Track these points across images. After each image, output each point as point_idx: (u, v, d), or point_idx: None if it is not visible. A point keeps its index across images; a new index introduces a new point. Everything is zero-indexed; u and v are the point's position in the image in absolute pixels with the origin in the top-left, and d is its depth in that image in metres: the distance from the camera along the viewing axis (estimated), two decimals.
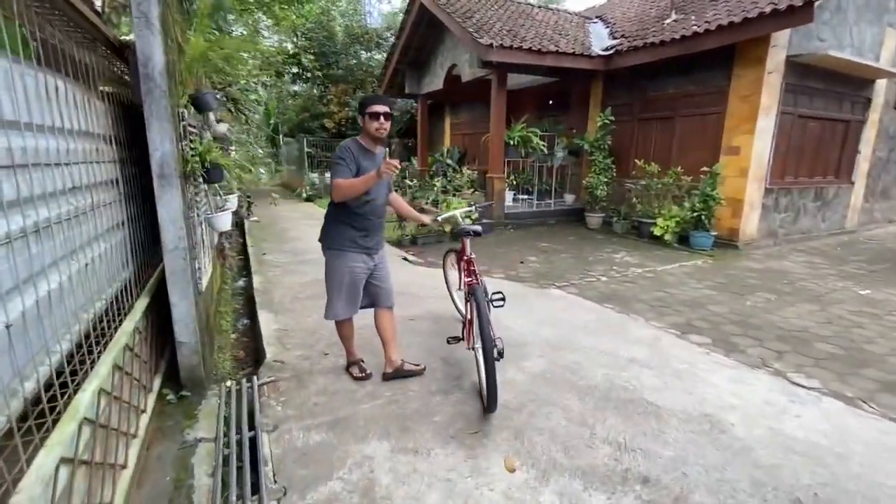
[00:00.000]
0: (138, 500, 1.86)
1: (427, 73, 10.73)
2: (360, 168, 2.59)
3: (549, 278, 5.57)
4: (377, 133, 2.62)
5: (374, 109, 2.59)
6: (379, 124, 2.61)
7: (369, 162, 2.66)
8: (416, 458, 2.17)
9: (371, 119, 2.59)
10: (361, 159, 2.61)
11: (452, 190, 8.99)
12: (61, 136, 1.58)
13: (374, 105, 2.61)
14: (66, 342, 1.44)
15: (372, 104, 2.61)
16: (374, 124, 2.59)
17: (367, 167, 2.62)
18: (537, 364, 3.14)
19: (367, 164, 2.64)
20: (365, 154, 2.65)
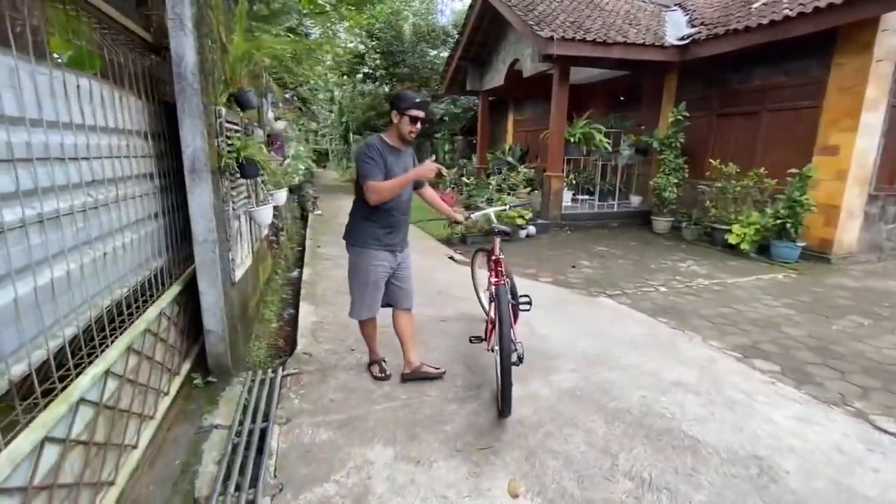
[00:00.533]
0: (148, 480, 1.95)
1: (489, 69, 10.55)
2: (386, 168, 2.53)
3: (601, 285, 5.22)
4: (409, 136, 2.57)
5: (415, 113, 2.52)
6: (415, 128, 2.57)
7: (395, 159, 2.60)
8: (417, 468, 2.08)
9: (410, 121, 2.53)
10: (388, 157, 2.56)
11: (507, 188, 8.78)
12: (80, 132, 1.67)
13: (417, 109, 2.52)
14: (71, 327, 1.51)
15: (415, 107, 2.52)
16: (410, 127, 2.54)
17: (392, 165, 2.57)
18: (567, 379, 2.92)
19: (393, 162, 2.58)
20: (391, 152, 2.59)
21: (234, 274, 2.87)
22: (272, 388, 2.73)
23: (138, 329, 1.96)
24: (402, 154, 2.68)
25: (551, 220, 8.42)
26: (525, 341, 3.45)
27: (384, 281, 2.75)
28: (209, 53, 2.58)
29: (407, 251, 2.85)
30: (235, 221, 2.97)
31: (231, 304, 2.83)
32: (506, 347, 2.26)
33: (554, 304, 4.42)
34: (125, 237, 1.98)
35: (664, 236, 8.08)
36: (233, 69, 3.00)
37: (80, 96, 1.69)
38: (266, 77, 5.25)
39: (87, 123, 1.71)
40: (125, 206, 1.99)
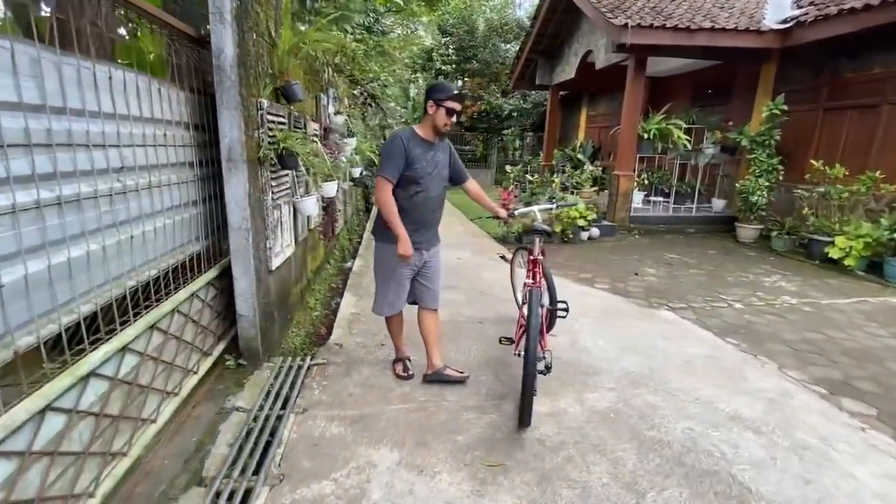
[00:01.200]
0: (165, 453, 2.05)
1: (560, 61, 10.07)
2: (410, 161, 2.45)
3: (665, 297, 4.74)
4: (444, 128, 2.49)
5: (452, 105, 2.43)
6: (450, 121, 2.48)
7: (423, 152, 2.50)
8: (419, 478, 1.98)
9: (447, 113, 2.44)
10: (415, 149, 2.47)
11: (571, 187, 8.34)
12: (110, 121, 1.76)
13: (454, 101, 2.44)
14: (89, 305, 1.60)
15: (453, 99, 2.44)
16: (446, 119, 2.45)
17: (418, 159, 2.47)
18: (603, 398, 2.65)
19: (420, 156, 2.48)
20: (420, 144, 2.50)
21: (271, 262, 2.95)
22: (297, 376, 2.78)
23: (164, 310, 2.05)
24: (435, 147, 2.57)
25: (618, 222, 7.86)
26: (563, 352, 3.23)
27: (408, 279, 2.67)
28: (253, 47, 2.65)
29: (435, 250, 2.75)
30: (276, 211, 3.05)
31: (266, 291, 2.92)
32: (531, 352, 2.09)
33: (604, 314, 4.08)
34: (157, 222, 2.08)
35: (749, 246, 7.19)
36: (280, 62, 3.08)
37: (126, 89, 1.80)
38: (329, 73, 5.41)
39: (118, 112, 1.81)
40: (158, 192, 2.09)
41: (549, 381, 2.81)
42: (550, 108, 11.05)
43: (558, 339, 3.46)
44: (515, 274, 3.90)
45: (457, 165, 2.79)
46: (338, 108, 5.54)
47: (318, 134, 4.48)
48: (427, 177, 2.53)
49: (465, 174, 2.86)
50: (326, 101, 5.16)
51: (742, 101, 8.04)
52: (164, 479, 1.90)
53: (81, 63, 1.58)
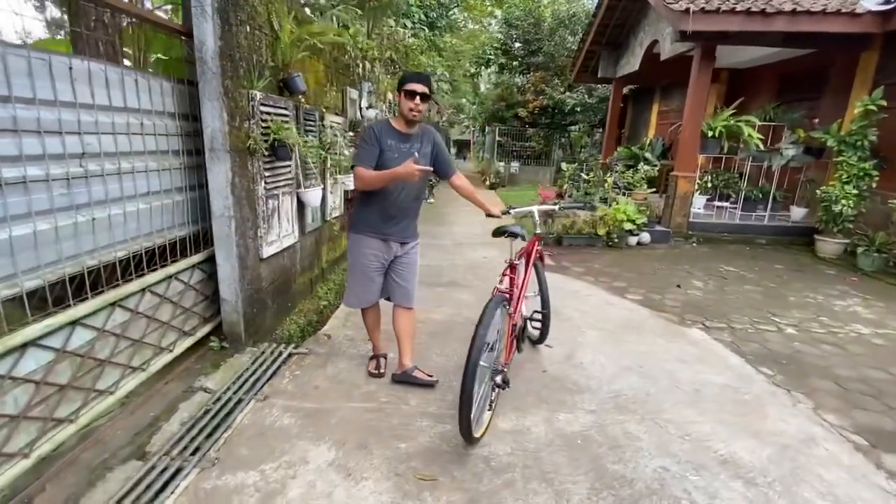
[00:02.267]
0: (122, 425, 2.17)
1: (625, 52, 9.38)
2: (383, 151, 2.38)
3: (703, 314, 4.24)
4: (410, 114, 2.38)
5: (410, 87, 2.34)
6: (414, 104, 2.36)
7: (397, 143, 2.42)
8: (344, 482, 1.91)
9: (406, 97, 2.35)
10: (387, 140, 2.40)
11: (623, 188, 7.76)
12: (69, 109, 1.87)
13: (411, 82, 2.36)
14: (36, 280, 1.72)
15: (408, 81, 2.37)
16: (408, 104, 2.35)
17: (391, 150, 2.40)
18: (577, 421, 2.40)
19: (394, 147, 2.41)
20: (394, 135, 2.43)
21: (262, 250, 3.03)
22: (275, 363, 2.83)
23: (129, 289, 2.17)
24: (412, 139, 2.48)
25: (674, 228, 7.19)
26: (554, 365, 2.99)
27: (378, 273, 2.61)
28: (245, 39, 2.72)
29: (411, 245, 2.65)
30: (271, 201, 3.13)
31: (255, 278, 3.00)
32: (472, 360, 1.92)
33: (621, 327, 3.72)
34: (130, 206, 2.20)
35: (829, 262, 6.22)
36: (284, 55, 3.14)
37: (92, 80, 1.92)
38: (363, 67, 5.47)
39: (79, 101, 1.92)
40: (132, 178, 2.21)
41: (526, 396, 2.62)
42: (612, 103, 10.36)
43: (553, 350, 3.21)
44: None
45: (443, 158, 2.66)
46: (371, 102, 5.59)
47: (341, 127, 4.54)
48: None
49: (451, 168, 2.73)
50: (358, 95, 5.22)
51: (836, 95, 6.96)
52: (111, 448, 2.01)
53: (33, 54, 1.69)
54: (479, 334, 1.95)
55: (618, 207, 6.86)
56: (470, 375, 1.89)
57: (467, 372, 1.90)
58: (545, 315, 3.06)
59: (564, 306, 4.12)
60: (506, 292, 2.36)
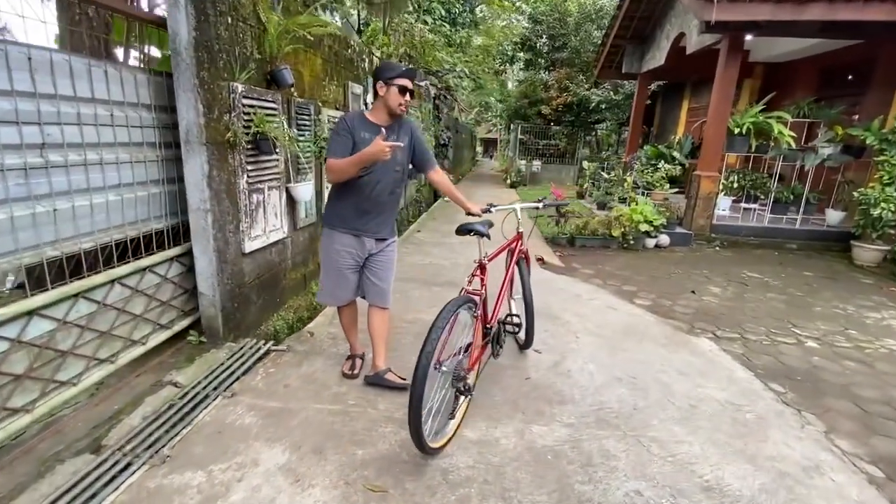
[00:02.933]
0: (85, 416, 2.17)
1: (651, 46, 8.96)
2: (356, 144, 2.29)
3: (716, 323, 3.97)
4: (399, 109, 2.31)
5: (404, 83, 2.27)
6: (404, 100, 2.30)
7: (372, 136, 2.29)
8: (290, 488, 1.84)
9: (399, 92, 2.28)
10: (361, 132, 2.30)
11: (643, 187, 7.42)
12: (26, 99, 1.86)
13: (405, 78, 2.28)
14: None
15: (403, 76, 2.28)
16: (399, 98, 2.28)
17: (366, 143, 2.27)
18: (552, 434, 2.24)
19: (368, 140, 2.28)
20: (369, 128, 2.32)
21: (244, 245, 3.00)
22: (251, 360, 2.80)
23: (94, 281, 2.16)
24: (388, 131, 2.34)
25: (696, 230, 6.82)
26: (538, 373, 2.83)
27: (351, 270, 2.51)
28: (226, 31, 2.68)
29: (387, 243, 2.54)
30: (256, 195, 3.09)
31: (236, 273, 2.98)
32: (421, 364, 1.81)
33: (620, 334, 3.51)
34: (97, 198, 2.19)
35: (867, 270, 5.74)
36: (271, 47, 3.09)
37: (54, 70, 1.91)
38: (369, 62, 5.41)
39: (39, 91, 1.91)
40: (100, 169, 2.20)
41: (502, 404, 2.48)
42: (637, 99, 9.93)
43: (541, 356, 3.05)
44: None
45: (421, 152, 2.55)
46: (372, 98, 5.51)
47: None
48: (374, 163, 2.33)
49: (430, 163, 2.60)
50: (362, 90, 5.15)
51: (880, 90, 6.43)
52: (68, 440, 2.01)
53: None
54: (430, 337, 1.83)
55: (634, 208, 6.56)
56: (419, 380, 1.78)
57: (416, 376, 1.78)
58: (529, 319, 2.90)
59: (563, 310, 3.93)
60: (475, 293, 2.22)
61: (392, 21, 8.43)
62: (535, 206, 2.99)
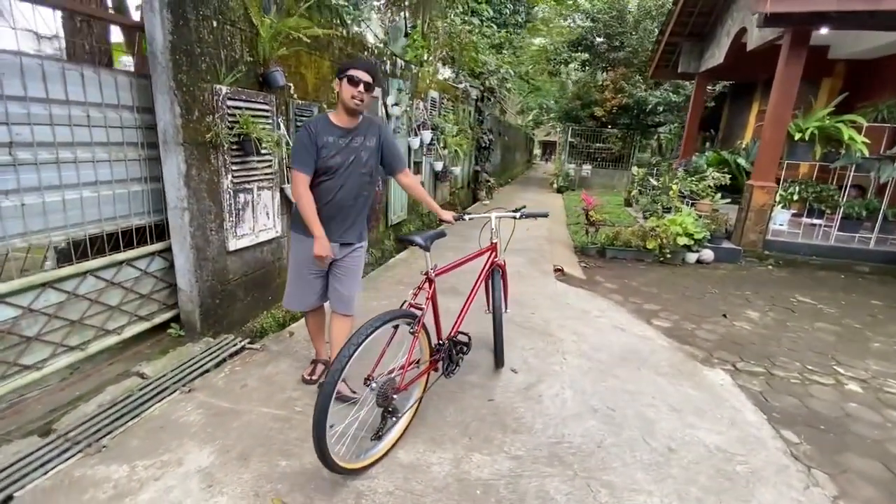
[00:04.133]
0: (48, 401, 2.29)
1: (710, 44, 8.21)
2: (320, 150, 2.22)
3: (741, 353, 3.53)
4: (352, 102, 2.18)
5: (354, 73, 2.15)
6: (357, 92, 2.17)
7: (336, 139, 2.25)
8: (201, 493, 1.81)
9: (349, 84, 2.16)
10: (325, 136, 2.22)
11: (688, 196, 6.81)
12: None
13: (355, 69, 2.17)
14: None
15: (351, 67, 2.18)
16: (350, 90, 2.16)
17: (329, 147, 2.23)
18: (492, 466, 2.06)
19: (332, 144, 2.24)
20: (333, 131, 2.25)
21: (228, 243, 3.08)
22: (223, 356, 2.85)
23: (62, 273, 2.29)
24: (353, 133, 2.29)
25: (745, 245, 6.15)
26: (505, 394, 2.64)
27: (314, 275, 2.46)
28: (210, 34, 2.75)
29: (353, 248, 2.45)
30: (243, 195, 3.16)
31: (219, 270, 3.05)
32: (327, 381, 1.71)
33: (616, 359, 3.20)
34: (73, 194, 2.32)
35: None
36: (263, 49, 3.14)
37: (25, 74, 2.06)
38: (390, 64, 5.39)
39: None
40: (74, 167, 2.32)
41: (452, 426, 2.32)
42: (694, 100, 9.15)
43: (516, 377, 2.85)
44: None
45: (391, 153, 2.44)
46: (399, 99, 5.50)
47: None
48: (339, 167, 2.27)
49: (400, 164, 2.49)
50: (382, 92, 5.15)
51: None
52: (23, 422, 2.13)
53: None
54: (341, 354, 1.73)
55: (672, 219, 6.03)
56: (322, 396, 1.69)
57: (320, 393, 1.69)
58: (497, 337, 2.70)
59: (561, 327, 3.66)
60: (418, 307, 2.09)
61: (433, 23, 8.42)
62: (511, 216, 2.78)
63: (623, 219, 8.93)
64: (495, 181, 13.07)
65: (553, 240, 7.06)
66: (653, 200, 8.26)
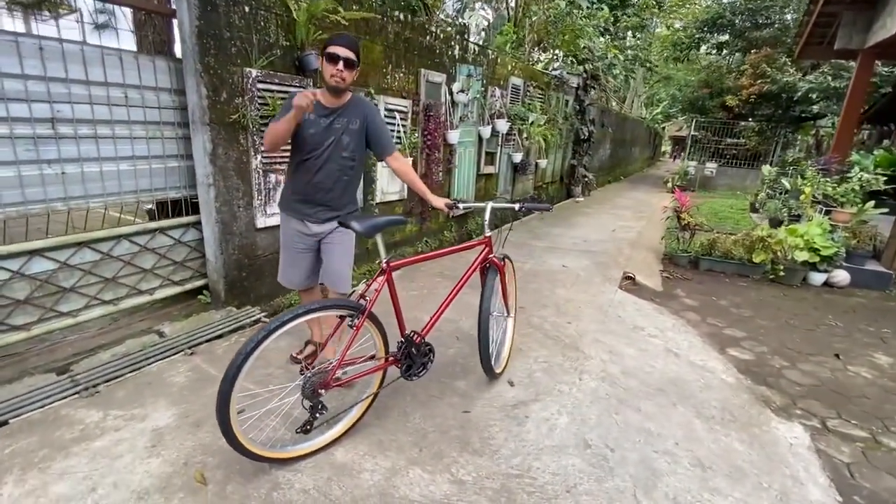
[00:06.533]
0: (77, 345, 2.63)
1: (882, 10, 6.36)
2: (302, 124, 2.15)
3: (839, 408, 2.72)
4: (332, 80, 2.11)
5: (331, 50, 2.08)
6: (336, 70, 2.08)
7: (318, 118, 2.19)
8: (142, 451, 1.89)
9: (328, 62, 2.09)
10: (308, 114, 2.11)
11: (822, 202, 5.43)
12: None
13: (334, 45, 2.09)
14: None
15: (332, 43, 2.10)
16: (329, 69, 2.09)
17: (309, 125, 2.18)
18: (427, 487, 1.81)
19: (313, 122, 2.18)
20: (316, 109, 2.16)
21: (256, 220, 3.24)
22: (241, 326, 3.02)
23: (96, 235, 2.60)
24: (336, 113, 2.21)
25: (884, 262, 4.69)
26: (485, 411, 2.41)
27: (303, 254, 2.44)
28: (242, 19, 2.88)
29: (339, 228, 2.33)
30: (274, 175, 3.29)
31: (246, 245, 3.22)
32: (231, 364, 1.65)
33: (650, 389, 2.65)
34: (107, 167, 2.62)
35: None
36: (300, 33, 3.21)
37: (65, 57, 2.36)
38: (459, 49, 5.20)
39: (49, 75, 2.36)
40: (112, 143, 2.61)
41: (407, 433, 2.14)
42: (854, 82, 7.14)
43: (508, 390, 2.53)
44: None
45: (377, 136, 2.32)
46: (466, 86, 5.28)
47: (404, 111, 4.44)
48: (318, 146, 2.22)
49: (386, 148, 2.35)
50: (444, 78, 4.97)
51: None
52: (50, 359, 2.47)
53: None
54: (249, 340, 1.64)
55: (792, 228, 4.87)
56: (223, 382, 1.62)
57: (222, 379, 1.63)
58: (481, 342, 2.38)
59: (595, 342, 3.16)
60: (363, 298, 1.91)
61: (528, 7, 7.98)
62: (509, 207, 2.43)
63: (743, 226, 7.53)
64: (598, 178, 12.07)
65: (638, 244, 6.23)
66: (782, 205, 6.83)
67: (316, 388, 1.81)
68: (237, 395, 1.66)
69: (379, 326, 2.00)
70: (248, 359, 1.64)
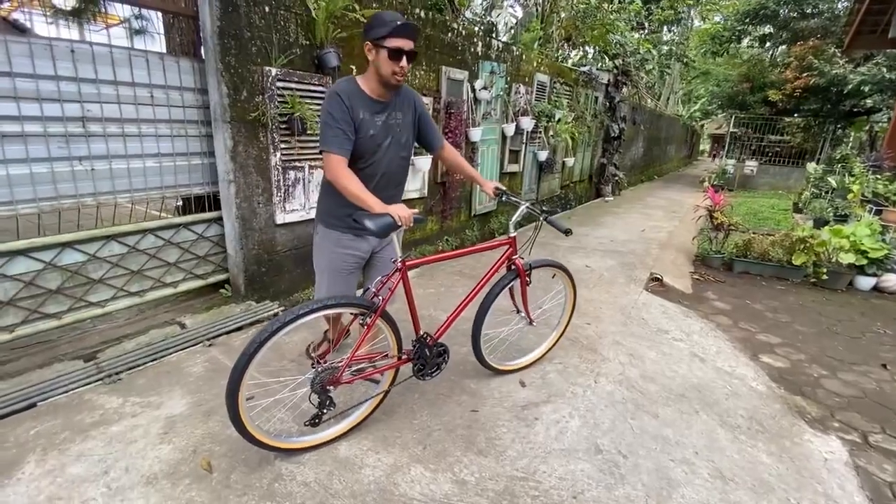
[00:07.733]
0: (105, 333, 2.74)
1: None
2: (359, 127, 1.83)
3: (885, 424, 2.52)
4: (393, 79, 1.81)
5: (396, 44, 1.74)
6: (400, 68, 1.79)
7: (372, 115, 1.87)
8: (155, 437, 1.95)
9: (391, 58, 1.76)
10: (360, 112, 1.83)
11: (871, 201, 5.05)
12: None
13: (398, 37, 1.74)
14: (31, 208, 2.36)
15: (395, 34, 1.73)
16: (392, 66, 1.77)
17: (366, 126, 1.85)
18: (428, 486, 1.79)
19: (369, 122, 1.86)
20: (367, 105, 1.86)
21: (276, 216, 3.30)
22: (259, 320, 3.08)
23: (123, 229, 2.71)
24: (389, 107, 1.93)
25: None
26: (494, 411, 2.41)
27: (353, 273, 2.16)
28: (262, 19, 2.94)
29: (390, 239, 2.05)
30: (293, 172, 3.34)
31: (266, 240, 3.29)
32: (241, 354, 1.67)
33: (671, 395, 2.53)
34: (133, 164, 2.72)
35: None
36: (319, 32, 3.25)
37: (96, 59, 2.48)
38: (481, 46, 5.14)
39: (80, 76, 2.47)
40: (139, 141, 2.71)
41: (412, 430, 2.12)
42: None
43: (519, 391, 2.46)
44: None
45: (428, 128, 2.13)
46: (489, 82, 5.22)
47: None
48: (377, 149, 1.92)
49: (439, 138, 2.19)
50: (467, 76, 4.93)
51: None
52: (79, 347, 2.59)
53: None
54: (254, 338, 1.67)
55: (837, 228, 4.55)
56: (234, 371, 1.64)
57: (233, 368, 1.65)
58: (474, 337, 2.33)
59: (616, 344, 3.05)
60: (376, 297, 1.89)
61: (556, 3, 7.81)
62: (536, 213, 2.29)
63: (784, 226, 7.12)
64: (629, 177, 11.72)
65: (668, 244, 5.99)
66: (828, 205, 6.42)
67: (325, 384, 1.81)
68: (248, 382, 1.67)
69: (392, 325, 1.98)
70: (262, 347, 1.66)
